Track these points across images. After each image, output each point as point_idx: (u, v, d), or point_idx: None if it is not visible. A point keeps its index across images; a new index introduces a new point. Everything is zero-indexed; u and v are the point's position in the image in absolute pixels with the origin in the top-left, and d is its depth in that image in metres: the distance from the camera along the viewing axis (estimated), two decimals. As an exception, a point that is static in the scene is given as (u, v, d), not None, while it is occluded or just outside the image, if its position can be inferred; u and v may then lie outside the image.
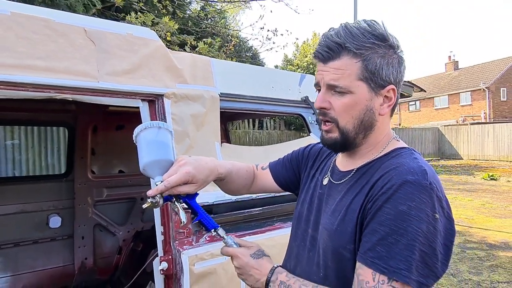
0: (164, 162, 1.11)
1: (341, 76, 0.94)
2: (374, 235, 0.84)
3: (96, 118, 3.31)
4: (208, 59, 2.11)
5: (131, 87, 1.70)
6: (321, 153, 1.24)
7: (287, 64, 21.36)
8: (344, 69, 0.93)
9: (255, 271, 1.01)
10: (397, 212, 0.82)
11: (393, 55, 0.95)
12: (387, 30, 0.96)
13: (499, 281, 4.27)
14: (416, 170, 0.86)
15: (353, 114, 0.96)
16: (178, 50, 5.07)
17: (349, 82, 0.94)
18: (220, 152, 2.02)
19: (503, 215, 7.59)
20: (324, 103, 0.97)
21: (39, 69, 1.46)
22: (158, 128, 1.15)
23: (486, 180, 13.02)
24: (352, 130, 0.97)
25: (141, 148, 1.12)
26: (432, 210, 0.82)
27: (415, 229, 0.80)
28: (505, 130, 20.39)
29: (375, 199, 0.87)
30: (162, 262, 1.67)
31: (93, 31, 1.62)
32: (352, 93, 0.94)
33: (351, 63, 0.93)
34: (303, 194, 1.18)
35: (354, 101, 0.95)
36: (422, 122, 32.44)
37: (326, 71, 0.96)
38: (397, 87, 0.98)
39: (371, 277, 0.82)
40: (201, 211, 1.13)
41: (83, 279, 3.29)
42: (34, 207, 3.09)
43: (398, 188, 0.84)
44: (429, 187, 0.83)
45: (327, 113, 0.98)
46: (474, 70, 31.84)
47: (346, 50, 0.93)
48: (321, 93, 0.98)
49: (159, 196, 1.05)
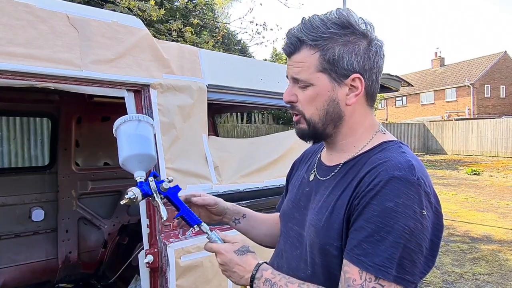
0: (144, 156, 1.09)
1: (301, 69, 0.94)
2: (361, 232, 0.82)
3: (80, 109, 3.24)
4: (196, 49, 2.07)
5: (116, 76, 1.65)
6: (307, 154, 1.23)
7: (276, 58, 21.33)
8: (304, 61, 0.94)
9: (239, 268, 0.98)
10: (384, 209, 0.80)
11: (358, 42, 0.92)
12: (354, 17, 0.93)
13: (480, 273, 4.38)
14: (403, 165, 0.84)
15: (317, 105, 0.95)
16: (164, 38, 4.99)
17: (309, 75, 0.94)
18: (207, 144, 2.00)
19: (485, 209, 7.77)
20: (291, 96, 0.99)
21: (19, 56, 1.40)
22: (138, 121, 1.12)
23: (469, 174, 13.29)
24: (318, 121, 0.97)
25: (121, 142, 1.09)
26: (420, 206, 0.81)
27: (402, 226, 0.79)
28: (489, 126, 20.83)
29: (362, 195, 0.85)
30: (148, 255, 1.65)
31: (76, 18, 1.57)
32: (313, 85, 0.94)
33: (309, 55, 0.93)
34: (289, 194, 1.17)
35: (316, 92, 0.94)
36: (408, 118, 32.89)
37: (290, 65, 0.97)
38: (365, 75, 0.94)
39: (358, 274, 0.81)
40: (183, 206, 1.10)
41: (67, 273, 3.23)
42: (16, 200, 3.01)
43: (385, 184, 0.82)
44: (417, 183, 0.82)
45: (294, 106, 0.99)
46: (459, 67, 32.35)
47: (304, 43, 0.93)
48: (289, 87, 1.00)
49: (138, 192, 1.02)
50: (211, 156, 2.00)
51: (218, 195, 1.95)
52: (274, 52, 22.72)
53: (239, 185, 2.10)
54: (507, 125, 19.96)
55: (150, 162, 1.14)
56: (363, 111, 0.99)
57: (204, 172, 1.94)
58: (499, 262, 4.70)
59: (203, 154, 1.97)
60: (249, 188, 2.14)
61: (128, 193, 1.02)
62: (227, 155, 2.14)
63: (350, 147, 0.99)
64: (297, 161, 1.27)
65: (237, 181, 2.10)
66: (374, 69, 0.95)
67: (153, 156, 1.15)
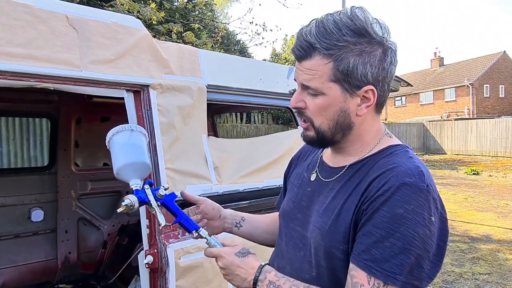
0: (139, 164, 1.08)
1: (312, 77, 0.90)
2: (369, 237, 0.82)
3: (80, 109, 3.23)
4: (195, 49, 2.07)
5: (115, 77, 1.65)
6: (305, 151, 1.22)
7: (275, 59, 21.31)
8: (316, 70, 0.89)
9: (241, 270, 0.95)
10: (394, 215, 0.80)
11: (374, 51, 0.88)
12: (370, 20, 0.88)
13: (480, 273, 4.38)
14: (413, 171, 0.84)
15: (327, 115, 0.92)
16: (164, 39, 4.99)
17: (321, 84, 0.90)
18: (207, 145, 2.00)
19: (484, 209, 7.77)
20: (299, 103, 0.95)
21: (19, 56, 1.40)
22: (131, 131, 1.12)
23: (468, 174, 13.30)
24: (327, 130, 0.94)
25: (115, 152, 1.10)
26: (429, 213, 0.81)
27: (412, 233, 0.79)
28: (488, 126, 20.84)
29: (371, 200, 0.84)
30: (148, 255, 1.64)
31: (75, 18, 1.57)
32: (324, 94, 0.90)
33: (322, 63, 0.88)
34: (289, 193, 1.15)
35: (327, 102, 0.91)
36: (408, 118, 32.90)
37: (300, 71, 0.93)
38: (378, 86, 0.91)
39: (366, 279, 0.80)
40: (181, 213, 1.10)
41: (67, 274, 3.23)
42: (15, 201, 3.01)
43: (396, 190, 0.81)
44: (426, 190, 0.82)
45: (302, 112, 0.96)
46: (458, 67, 32.37)
47: (317, 50, 0.88)
48: (297, 92, 0.96)
49: (135, 199, 1.02)
50: (210, 157, 1.99)
51: (218, 195, 1.96)
52: (273, 52, 22.70)
53: (239, 185, 2.10)
54: (506, 125, 19.98)
55: (145, 171, 1.13)
56: (372, 119, 0.98)
57: (204, 173, 1.94)
58: (499, 262, 4.71)
59: (202, 154, 1.97)
60: (249, 188, 2.14)
61: (125, 201, 1.01)
62: (227, 155, 2.14)
63: (358, 152, 0.98)
64: (295, 157, 1.26)
65: (237, 181, 2.10)
66: (387, 79, 0.93)
67: (148, 164, 1.14)
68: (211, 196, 1.92)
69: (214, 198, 1.93)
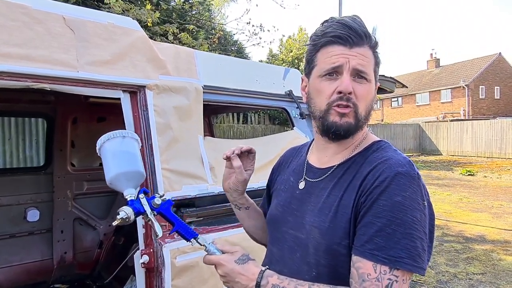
0: (132, 173, 1.05)
1: (367, 63, 0.96)
2: (371, 228, 0.84)
3: (76, 109, 3.23)
4: (191, 50, 2.08)
5: (112, 77, 1.66)
6: (286, 158, 1.24)
7: (272, 59, 21.32)
8: (368, 57, 0.97)
9: (242, 277, 0.93)
10: (393, 203, 0.84)
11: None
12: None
13: (474, 273, 4.41)
14: (403, 162, 0.90)
15: (367, 102, 0.97)
16: (160, 40, 4.99)
17: (370, 71, 0.97)
18: (203, 145, 2.01)
19: (479, 209, 7.82)
20: (351, 88, 0.94)
21: (15, 57, 1.41)
22: (123, 138, 1.09)
23: (464, 175, 13.38)
24: (363, 117, 0.97)
25: (107, 160, 1.06)
26: (422, 198, 0.87)
27: (411, 217, 0.83)
28: (483, 127, 20.97)
29: (368, 192, 0.88)
30: (143, 255, 1.65)
31: (72, 19, 1.57)
32: (369, 81, 0.97)
33: (370, 53, 0.97)
34: (276, 198, 1.16)
35: (370, 89, 0.98)
36: (404, 118, 33.03)
37: (352, 55, 0.94)
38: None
39: (372, 269, 0.82)
40: (178, 221, 1.07)
41: (63, 273, 3.23)
42: (11, 201, 3.00)
43: (392, 180, 0.86)
44: (417, 177, 0.88)
45: (350, 98, 0.94)
46: (454, 68, 32.54)
47: (368, 39, 0.97)
48: (347, 78, 0.94)
49: (130, 211, 0.99)
50: (207, 157, 2.01)
51: (214, 196, 1.97)
52: (270, 53, 22.73)
53: (235, 186, 2.10)
54: (501, 126, 20.12)
55: (139, 179, 1.10)
56: None
57: (200, 173, 1.95)
58: (493, 262, 4.74)
59: (199, 155, 1.98)
60: (244, 188, 2.15)
61: (120, 213, 0.98)
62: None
63: (345, 151, 1.01)
64: (276, 167, 1.29)
65: (233, 182, 2.11)
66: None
67: (142, 172, 1.11)
68: (206, 196, 1.94)
69: (210, 198, 1.96)
